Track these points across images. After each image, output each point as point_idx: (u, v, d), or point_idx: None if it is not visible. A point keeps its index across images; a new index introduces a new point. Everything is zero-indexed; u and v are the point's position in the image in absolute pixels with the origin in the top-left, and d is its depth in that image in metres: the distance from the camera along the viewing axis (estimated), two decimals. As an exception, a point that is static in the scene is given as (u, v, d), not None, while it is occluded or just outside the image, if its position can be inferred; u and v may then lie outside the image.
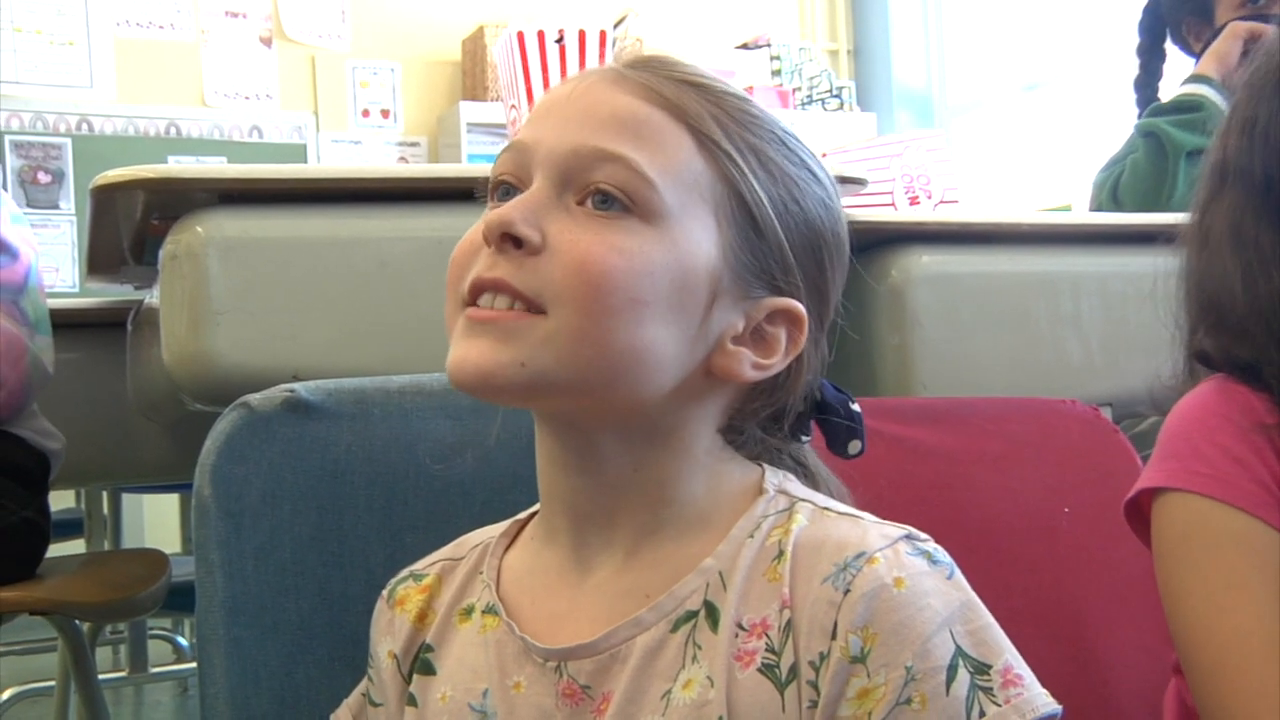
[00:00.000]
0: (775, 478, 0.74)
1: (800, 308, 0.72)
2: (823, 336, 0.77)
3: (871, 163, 1.95)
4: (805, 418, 0.78)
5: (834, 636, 0.65)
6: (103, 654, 3.44)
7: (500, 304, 0.68)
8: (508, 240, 0.68)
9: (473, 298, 0.69)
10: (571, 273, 0.67)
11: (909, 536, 0.68)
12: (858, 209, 1.64)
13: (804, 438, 0.79)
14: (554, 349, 0.67)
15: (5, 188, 1.56)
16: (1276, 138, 0.85)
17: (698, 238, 0.69)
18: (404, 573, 0.82)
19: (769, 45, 5.02)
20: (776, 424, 0.76)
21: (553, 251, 0.68)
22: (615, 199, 0.68)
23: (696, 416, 0.73)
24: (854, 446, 0.78)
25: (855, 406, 0.78)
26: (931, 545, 0.68)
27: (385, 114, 4.78)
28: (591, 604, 0.72)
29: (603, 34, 1.78)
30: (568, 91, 0.73)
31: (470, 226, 0.71)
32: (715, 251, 0.70)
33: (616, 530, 0.73)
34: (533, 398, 0.70)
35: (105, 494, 2.57)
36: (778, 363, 0.72)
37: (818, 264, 0.74)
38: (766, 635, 0.67)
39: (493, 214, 0.69)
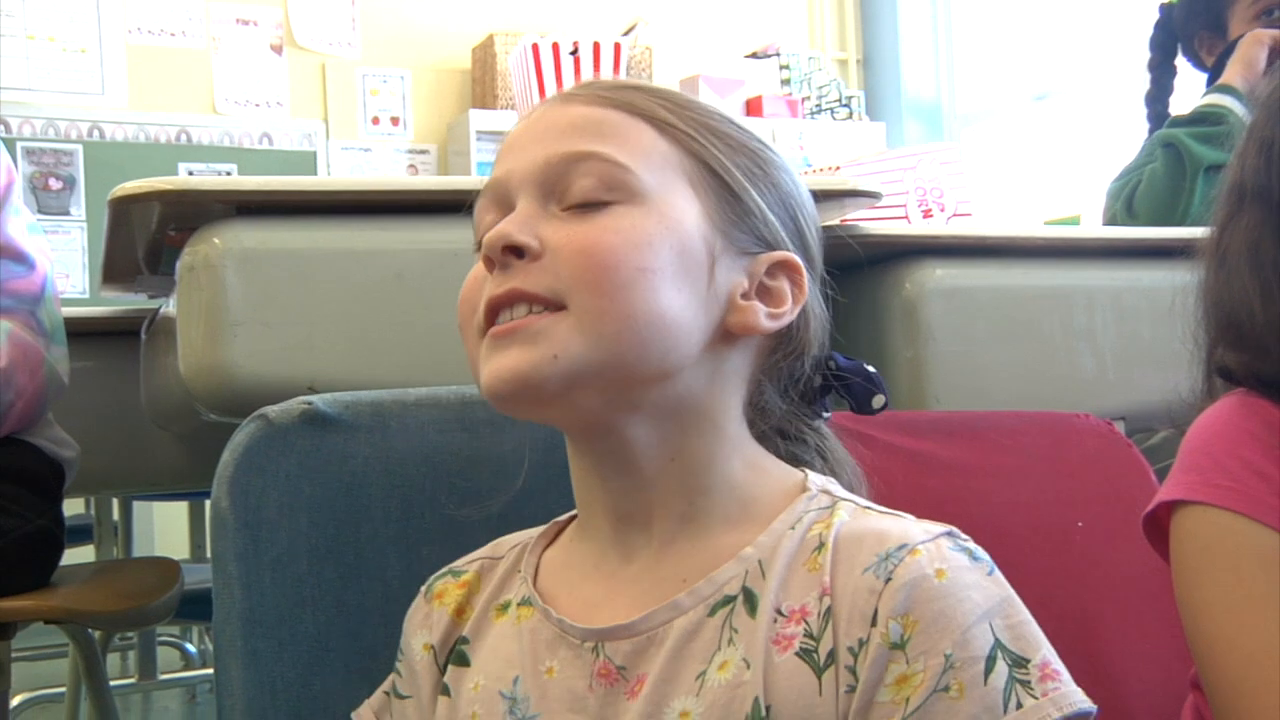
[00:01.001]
0: (819, 479, 0.76)
1: (795, 258, 0.76)
2: (817, 294, 0.79)
3: (885, 175, 1.94)
4: (824, 389, 0.80)
5: (874, 623, 0.66)
6: (112, 660, 3.45)
7: (519, 313, 0.70)
8: (509, 253, 0.71)
9: (490, 320, 0.71)
10: (577, 260, 0.69)
11: (950, 534, 0.70)
12: (871, 222, 1.63)
13: (824, 414, 0.81)
14: (581, 335, 0.69)
15: (18, 195, 1.56)
16: None
17: (683, 207, 0.73)
18: (443, 570, 0.84)
19: (778, 54, 5.02)
20: (795, 385, 0.78)
21: (553, 252, 0.70)
22: (599, 193, 0.71)
23: (723, 386, 0.75)
24: (878, 401, 0.82)
25: (870, 368, 0.82)
26: (972, 544, 0.70)
27: (395, 121, 4.79)
28: (628, 589, 0.74)
29: (617, 46, 1.78)
30: (523, 125, 0.77)
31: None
32: (702, 217, 0.73)
33: (655, 525, 0.75)
34: (571, 391, 0.70)
35: (116, 501, 2.58)
36: (789, 311, 0.75)
37: (795, 222, 0.78)
38: (805, 621, 0.68)
39: (489, 235, 0.72)
